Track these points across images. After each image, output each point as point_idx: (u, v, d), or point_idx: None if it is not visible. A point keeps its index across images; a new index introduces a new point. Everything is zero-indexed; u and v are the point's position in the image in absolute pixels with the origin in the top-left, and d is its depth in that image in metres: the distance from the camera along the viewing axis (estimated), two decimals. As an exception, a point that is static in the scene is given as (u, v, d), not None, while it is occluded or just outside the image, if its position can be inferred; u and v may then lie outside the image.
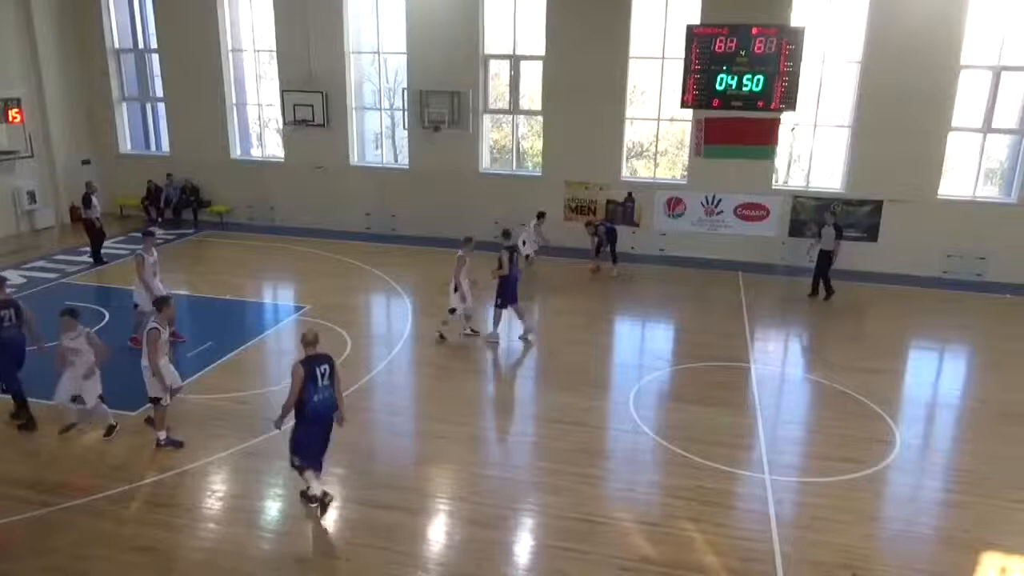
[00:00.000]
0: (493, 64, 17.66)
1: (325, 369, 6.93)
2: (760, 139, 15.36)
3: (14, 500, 7.40)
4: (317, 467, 7.18)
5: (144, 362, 8.17)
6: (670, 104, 16.23)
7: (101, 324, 12.07)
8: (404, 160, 18.72)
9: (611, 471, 8.30)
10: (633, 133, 18.06)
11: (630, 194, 17.16)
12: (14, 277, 14.59)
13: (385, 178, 18.55)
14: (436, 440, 8.87)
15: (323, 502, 7.13)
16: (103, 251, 15.74)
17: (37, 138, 17.22)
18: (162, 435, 8.42)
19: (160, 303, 8.43)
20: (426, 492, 7.79)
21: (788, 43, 12.88)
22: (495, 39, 17.35)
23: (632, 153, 18.96)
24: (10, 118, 14.06)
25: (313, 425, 6.96)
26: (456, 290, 11.61)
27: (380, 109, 19.13)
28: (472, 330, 12.14)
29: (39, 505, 7.33)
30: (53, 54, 18.47)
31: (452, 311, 11.74)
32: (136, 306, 11.14)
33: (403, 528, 7.12)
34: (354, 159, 18.74)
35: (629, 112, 17.00)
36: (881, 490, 8.06)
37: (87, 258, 15.65)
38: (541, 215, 15.94)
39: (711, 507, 7.52)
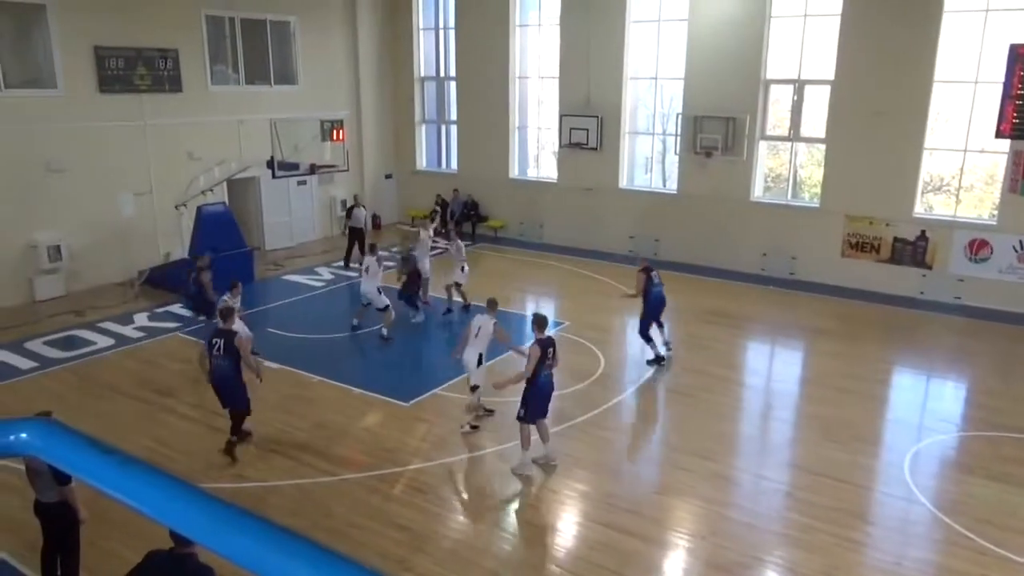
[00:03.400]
0: (774, 89, 16.93)
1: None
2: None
3: (308, 466, 8.60)
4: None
5: None
6: (981, 133, 14.30)
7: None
8: (672, 185, 18.64)
9: (875, 538, 7.48)
10: (932, 165, 16.18)
11: (923, 232, 15.37)
12: (324, 273, 16.99)
13: (651, 202, 18.60)
14: (680, 472, 8.67)
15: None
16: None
17: (353, 154, 19.86)
18: None
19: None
20: (665, 524, 7.65)
21: None
22: (778, 63, 16.61)
23: (929, 187, 17.00)
24: (335, 137, 16.36)
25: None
26: (480, 363, 9.49)
27: (652, 134, 19.25)
28: (486, 409, 9.80)
29: (326, 473, 8.44)
30: (371, 82, 21.26)
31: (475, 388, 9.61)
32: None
33: (638, 556, 7.06)
34: (623, 182, 19.04)
35: (928, 141, 15.26)
36: None
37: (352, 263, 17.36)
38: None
39: (999, 602, 6.46)
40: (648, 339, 11.71)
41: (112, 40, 15.37)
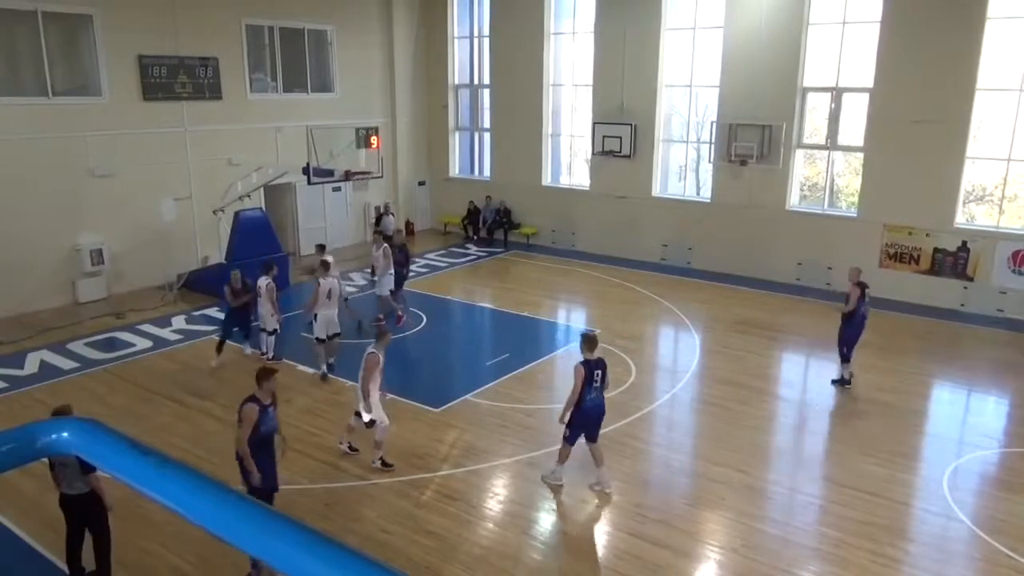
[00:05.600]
0: (811, 97, 16.71)
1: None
2: None
3: (339, 470, 8.67)
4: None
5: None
6: (1027, 142, 13.98)
7: (420, 325, 13.70)
8: (706, 193, 18.49)
9: (911, 555, 7.31)
10: (974, 174, 15.82)
11: (964, 243, 15.04)
12: (357, 279, 17.14)
13: (685, 210, 18.47)
14: (712, 484, 8.57)
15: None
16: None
17: (387, 161, 20.04)
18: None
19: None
20: (697, 536, 7.57)
21: None
22: (816, 71, 16.40)
23: (971, 197, 16.63)
24: (370, 144, 16.47)
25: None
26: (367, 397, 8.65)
27: (687, 142, 19.12)
28: (352, 447, 9.07)
29: (357, 478, 8.50)
30: (406, 90, 21.47)
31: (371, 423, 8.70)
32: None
33: (669, 568, 6.99)
34: (656, 190, 18.94)
35: (970, 150, 14.93)
36: None
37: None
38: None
39: (1042, 625, 6.27)
40: (846, 358, 11.29)
41: (155, 49, 15.76)
